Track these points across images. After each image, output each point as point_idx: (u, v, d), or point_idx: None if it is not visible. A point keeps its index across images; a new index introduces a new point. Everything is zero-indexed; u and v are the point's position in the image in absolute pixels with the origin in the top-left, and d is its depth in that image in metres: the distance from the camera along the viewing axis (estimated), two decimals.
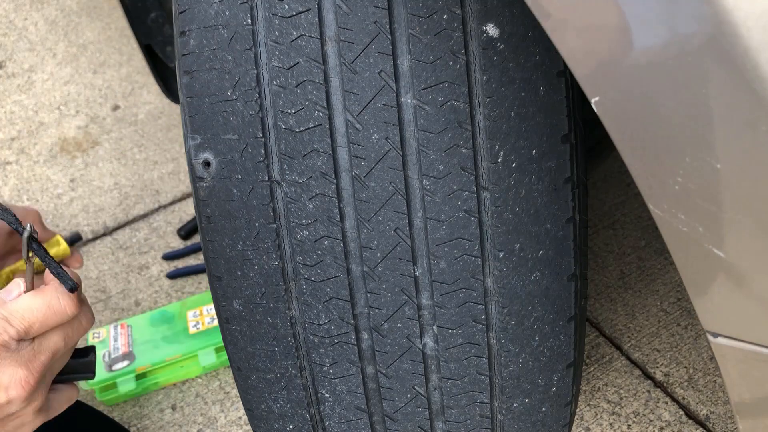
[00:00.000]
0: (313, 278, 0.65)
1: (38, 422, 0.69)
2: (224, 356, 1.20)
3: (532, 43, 0.60)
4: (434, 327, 0.67)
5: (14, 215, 0.70)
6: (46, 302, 0.67)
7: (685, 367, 1.16)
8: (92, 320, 0.73)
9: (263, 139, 0.62)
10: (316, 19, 0.59)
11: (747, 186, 0.44)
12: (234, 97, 0.62)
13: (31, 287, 0.70)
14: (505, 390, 0.71)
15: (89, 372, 0.78)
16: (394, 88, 0.59)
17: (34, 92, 1.83)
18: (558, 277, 0.67)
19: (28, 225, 0.68)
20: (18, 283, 0.70)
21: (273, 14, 0.60)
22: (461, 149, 0.61)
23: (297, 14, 0.59)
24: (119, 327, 1.25)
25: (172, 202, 1.57)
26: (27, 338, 0.67)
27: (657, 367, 1.17)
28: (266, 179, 0.62)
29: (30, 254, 0.69)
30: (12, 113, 1.79)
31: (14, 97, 1.83)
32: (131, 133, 1.71)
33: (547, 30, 0.48)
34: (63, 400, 0.74)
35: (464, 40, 0.59)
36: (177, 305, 1.28)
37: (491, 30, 0.59)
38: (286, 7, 0.59)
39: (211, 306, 1.27)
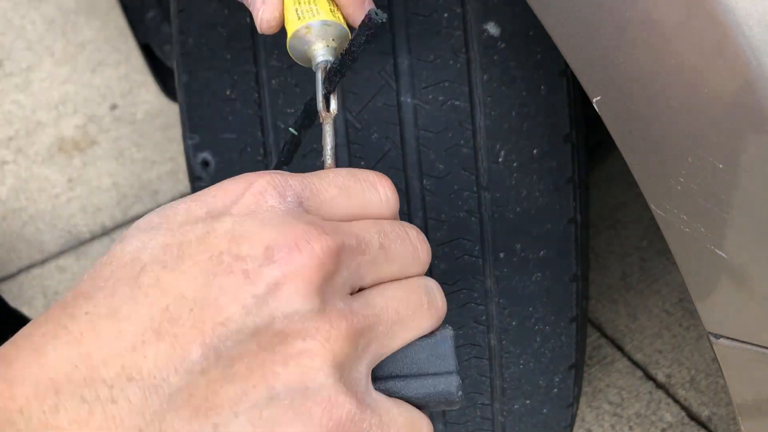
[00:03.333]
0: None
1: (340, 412, 0.33)
2: None
3: (533, 42, 0.60)
4: None
5: None
6: (346, 169, 0.40)
7: (687, 369, 1.16)
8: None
9: (262, 139, 0.61)
10: None
11: (749, 186, 0.44)
12: (233, 96, 0.61)
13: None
14: (506, 391, 0.71)
15: (448, 371, 0.38)
16: (395, 87, 0.59)
17: (32, 91, 1.83)
18: (559, 278, 0.67)
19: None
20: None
21: None
22: (462, 149, 0.60)
23: None
24: None
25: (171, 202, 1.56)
26: (316, 206, 0.37)
27: (659, 369, 1.17)
28: None
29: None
30: (9, 112, 1.79)
31: (12, 97, 1.82)
32: (129, 133, 1.71)
33: (548, 29, 0.47)
34: (403, 418, 0.36)
35: (465, 39, 0.59)
36: None
37: (492, 29, 0.59)
38: None
39: None
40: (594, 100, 0.47)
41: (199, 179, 0.64)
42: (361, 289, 0.36)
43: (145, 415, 0.30)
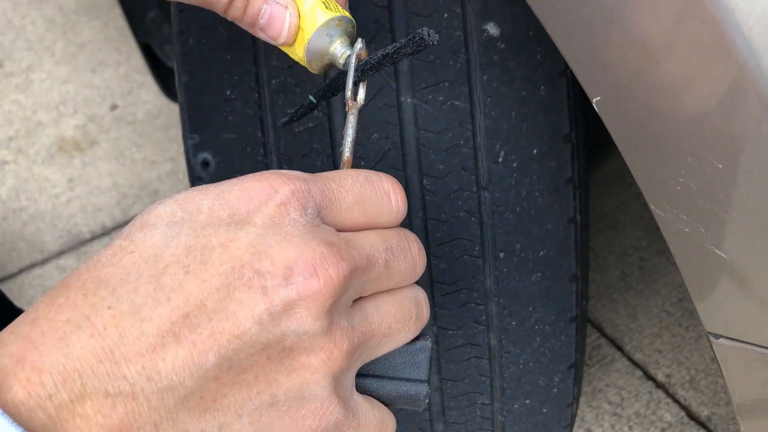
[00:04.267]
0: None
1: (329, 416, 0.37)
2: None
3: (532, 42, 0.60)
4: (434, 328, 0.67)
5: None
6: (360, 173, 0.41)
7: (687, 368, 1.16)
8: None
9: (262, 139, 0.61)
10: None
11: (749, 186, 0.44)
12: (233, 96, 0.61)
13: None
14: (505, 391, 0.71)
15: (420, 380, 0.42)
16: (394, 88, 0.59)
17: (32, 91, 1.83)
18: (559, 278, 0.67)
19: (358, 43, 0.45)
20: None
21: None
22: (462, 149, 0.60)
23: None
24: None
25: None
26: (333, 216, 0.39)
27: (658, 368, 1.17)
28: None
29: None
30: (10, 112, 1.79)
31: (12, 97, 1.82)
32: (130, 133, 1.71)
33: (548, 29, 0.47)
34: (375, 417, 0.40)
35: (464, 39, 0.59)
36: None
37: (492, 29, 0.59)
38: None
39: None
40: (594, 101, 0.47)
41: (200, 179, 0.64)
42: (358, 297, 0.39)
43: (160, 412, 0.32)
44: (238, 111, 0.61)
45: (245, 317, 0.34)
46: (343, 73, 0.46)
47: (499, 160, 0.61)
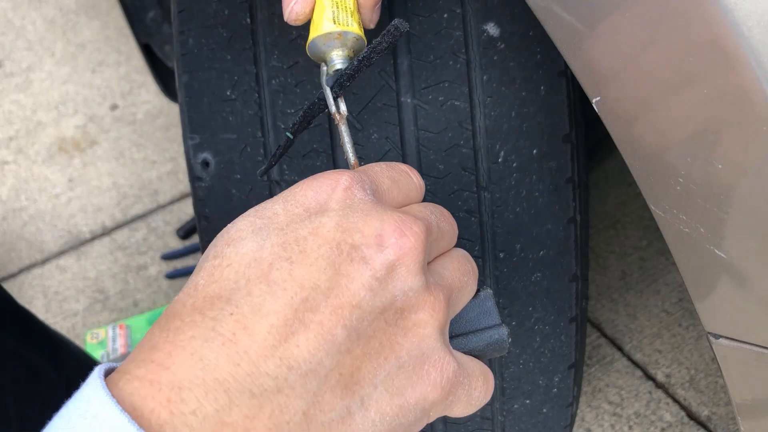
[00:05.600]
0: None
1: (447, 367, 0.38)
2: None
3: (532, 42, 0.60)
4: None
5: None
6: (381, 165, 0.44)
7: (687, 368, 1.16)
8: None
9: (262, 139, 0.61)
10: None
11: (748, 186, 0.44)
12: (233, 96, 0.61)
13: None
14: (505, 391, 0.71)
15: (495, 324, 0.45)
16: (394, 88, 0.59)
17: (32, 91, 1.83)
18: (559, 278, 0.67)
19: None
20: None
21: (272, 13, 0.59)
22: (461, 149, 0.60)
23: None
24: (117, 328, 1.25)
25: (171, 202, 1.56)
26: (376, 195, 0.42)
27: (658, 368, 1.17)
28: (265, 179, 0.62)
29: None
30: (10, 112, 1.79)
31: (12, 97, 1.82)
32: (130, 133, 1.71)
33: (548, 29, 0.47)
34: (477, 369, 0.42)
35: (464, 39, 0.59)
36: None
37: (492, 29, 0.59)
38: None
39: None
40: (594, 101, 0.47)
41: (199, 179, 0.64)
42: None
43: (306, 398, 0.33)
44: (238, 111, 0.61)
45: (357, 287, 0.35)
46: (315, 103, 0.48)
47: (499, 160, 0.61)
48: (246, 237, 0.37)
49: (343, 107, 0.47)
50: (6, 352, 0.85)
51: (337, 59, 0.48)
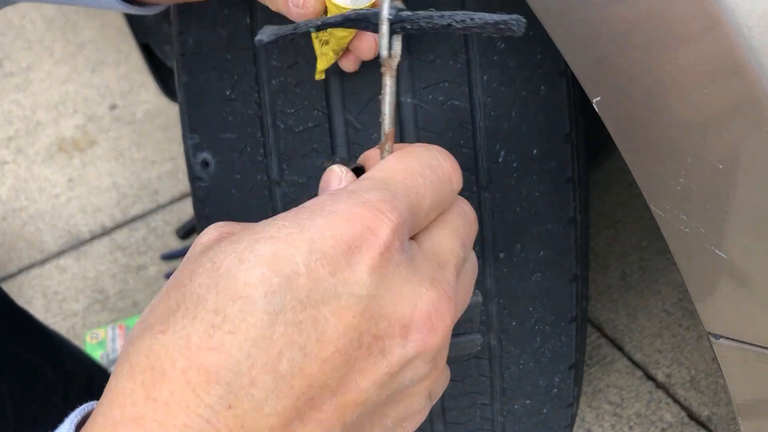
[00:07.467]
0: None
1: (422, 417, 0.40)
2: None
3: (533, 42, 0.60)
4: None
5: None
6: (425, 163, 0.38)
7: (687, 368, 1.16)
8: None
9: (262, 139, 0.61)
10: None
11: (749, 186, 0.44)
12: (233, 96, 0.61)
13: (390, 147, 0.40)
14: (506, 391, 0.71)
15: (474, 331, 0.46)
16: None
17: (32, 91, 1.83)
18: (559, 278, 0.67)
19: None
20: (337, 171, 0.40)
21: (272, 13, 0.59)
22: (462, 149, 0.60)
23: None
24: (117, 328, 1.25)
25: (171, 202, 1.56)
26: (415, 228, 0.37)
27: (659, 368, 1.17)
28: (265, 179, 0.62)
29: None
30: (9, 112, 1.78)
31: (12, 96, 1.82)
32: (129, 133, 1.71)
33: (548, 29, 0.47)
34: (444, 383, 0.43)
35: (464, 39, 0.58)
36: None
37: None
38: None
39: None
40: (594, 101, 0.47)
41: (199, 179, 0.64)
42: None
43: None
44: (238, 111, 0.61)
45: (367, 384, 0.33)
46: (355, 17, 0.40)
47: (499, 160, 0.61)
48: (257, 300, 0.31)
49: (397, 48, 0.38)
50: (4, 352, 0.85)
51: None
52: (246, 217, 0.63)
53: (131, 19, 1.34)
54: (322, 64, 0.53)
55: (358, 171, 0.40)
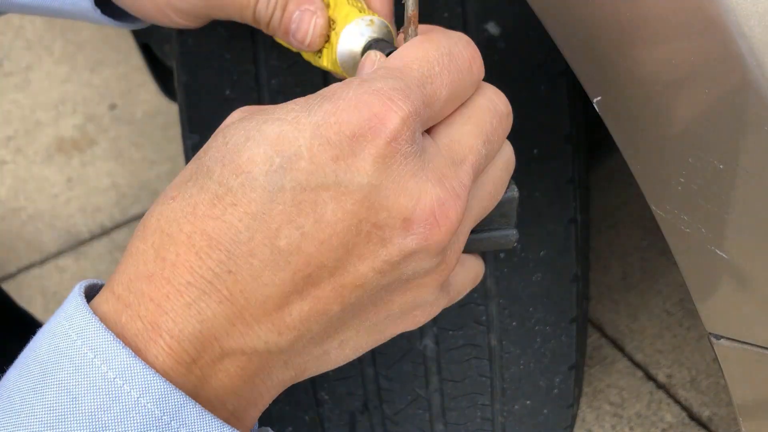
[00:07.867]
0: None
1: (436, 309, 0.39)
2: None
3: (533, 42, 0.60)
4: (434, 328, 0.67)
5: None
6: (443, 51, 0.37)
7: (688, 369, 1.16)
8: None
9: None
10: None
11: (749, 186, 0.44)
12: (232, 96, 0.61)
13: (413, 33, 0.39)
14: (506, 392, 0.71)
15: (509, 227, 0.43)
16: None
17: (31, 91, 1.83)
18: (560, 278, 0.67)
19: None
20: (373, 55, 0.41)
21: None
22: None
23: None
24: None
25: None
26: (430, 120, 0.36)
27: (659, 369, 1.16)
28: None
29: None
30: (8, 112, 1.78)
31: (11, 96, 1.82)
32: (129, 132, 1.71)
33: (548, 29, 0.47)
34: (469, 278, 0.42)
35: None
36: None
37: (492, 29, 0.59)
38: None
39: None
40: (594, 101, 0.47)
41: None
42: None
43: (290, 353, 0.34)
44: None
45: (366, 269, 0.34)
46: None
47: None
48: (257, 177, 0.32)
49: None
50: (3, 352, 0.85)
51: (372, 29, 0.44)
52: None
53: None
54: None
55: None
